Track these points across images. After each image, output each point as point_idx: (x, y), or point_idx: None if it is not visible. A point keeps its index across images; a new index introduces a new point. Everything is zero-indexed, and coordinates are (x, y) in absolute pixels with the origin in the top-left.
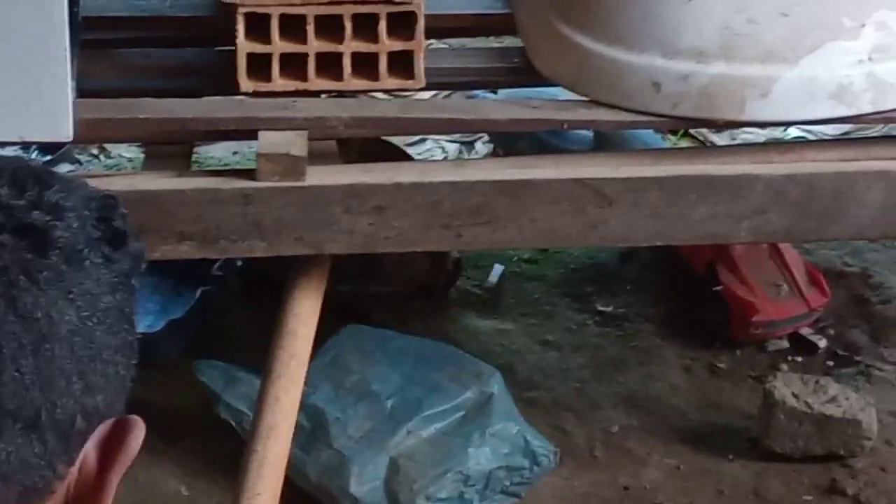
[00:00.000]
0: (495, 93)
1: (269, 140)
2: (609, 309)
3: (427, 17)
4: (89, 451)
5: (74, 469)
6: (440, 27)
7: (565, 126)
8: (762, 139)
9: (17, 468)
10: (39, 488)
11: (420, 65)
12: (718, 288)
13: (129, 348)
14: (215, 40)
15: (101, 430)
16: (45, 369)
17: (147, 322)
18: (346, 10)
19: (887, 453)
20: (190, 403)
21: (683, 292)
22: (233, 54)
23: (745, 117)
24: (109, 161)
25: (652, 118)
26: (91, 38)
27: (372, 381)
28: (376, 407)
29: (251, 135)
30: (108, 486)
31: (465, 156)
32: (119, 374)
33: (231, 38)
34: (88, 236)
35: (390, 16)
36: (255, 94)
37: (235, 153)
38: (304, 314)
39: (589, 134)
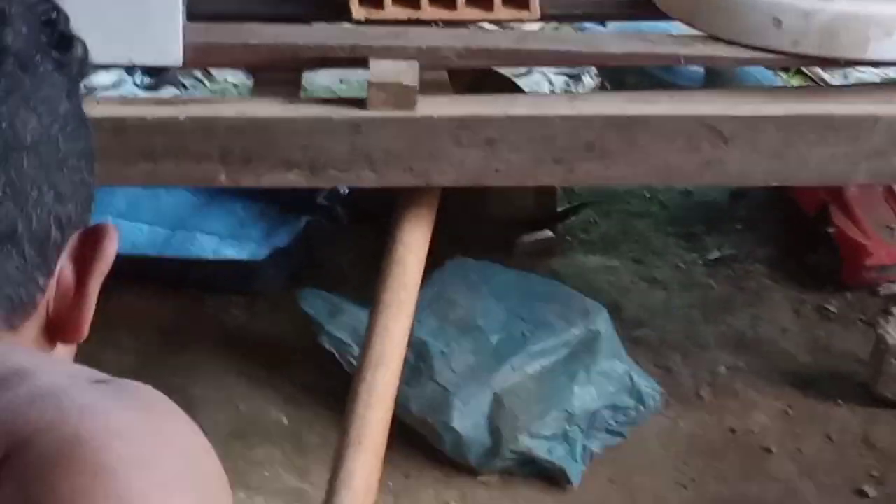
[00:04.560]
0: (604, 25)
1: (381, 69)
2: (718, 249)
3: None
4: (65, 263)
5: (53, 282)
6: None
7: (682, 61)
8: (877, 80)
9: (1, 283)
10: (24, 303)
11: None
12: (831, 230)
13: (91, 154)
14: None
15: (74, 240)
16: (16, 181)
17: (251, 249)
18: None
19: None
20: (292, 333)
21: (795, 234)
22: None
23: (868, 56)
24: (214, 86)
25: (772, 55)
26: None
27: (477, 316)
28: (481, 342)
29: (362, 63)
30: (88, 296)
31: (573, 89)
32: (85, 181)
33: None
34: (38, 41)
35: None
36: (367, 21)
37: (342, 81)
38: (413, 244)
39: (700, 70)
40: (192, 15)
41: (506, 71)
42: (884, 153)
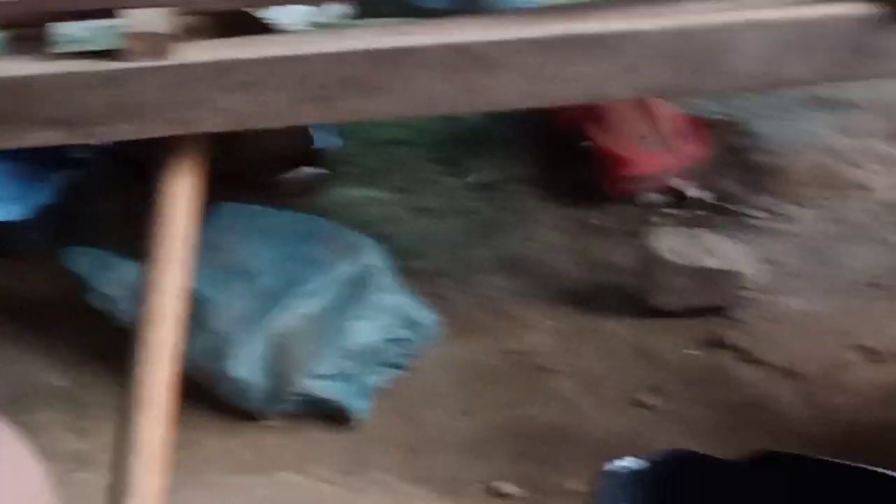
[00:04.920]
0: None
1: (133, 18)
2: (482, 172)
3: None
4: None
5: None
6: None
7: None
8: None
9: None
10: None
11: None
12: (588, 144)
13: None
14: None
15: None
16: None
17: (9, 210)
18: None
19: (766, 303)
20: (59, 293)
21: (554, 152)
22: None
23: None
24: None
25: None
26: None
27: (246, 260)
28: (252, 286)
29: (112, 14)
30: None
31: (318, 18)
32: None
33: None
34: None
35: None
36: None
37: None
38: (180, 195)
39: None
40: None
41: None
42: (636, 68)
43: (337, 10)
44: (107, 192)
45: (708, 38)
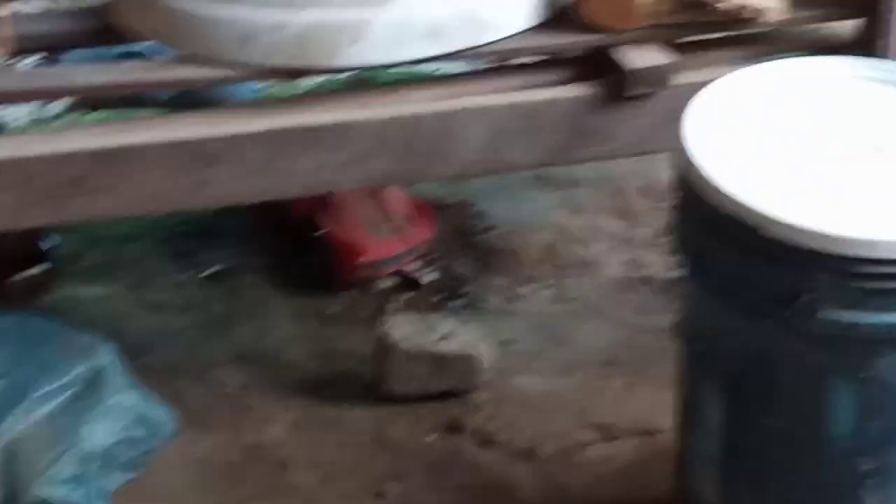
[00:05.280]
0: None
1: None
2: (213, 264)
3: None
4: None
5: None
6: None
7: (168, 85)
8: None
9: None
10: None
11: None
12: (321, 233)
13: None
14: None
15: None
16: None
17: None
18: None
19: (502, 384)
20: None
21: (288, 240)
22: None
23: (339, 63)
24: None
25: (246, 71)
26: None
27: None
28: None
29: None
30: None
31: (43, 113)
32: None
33: None
34: None
35: None
36: None
37: None
38: None
39: None
40: None
41: None
42: (367, 157)
43: (61, 104)
44: None
45: (431, 126)
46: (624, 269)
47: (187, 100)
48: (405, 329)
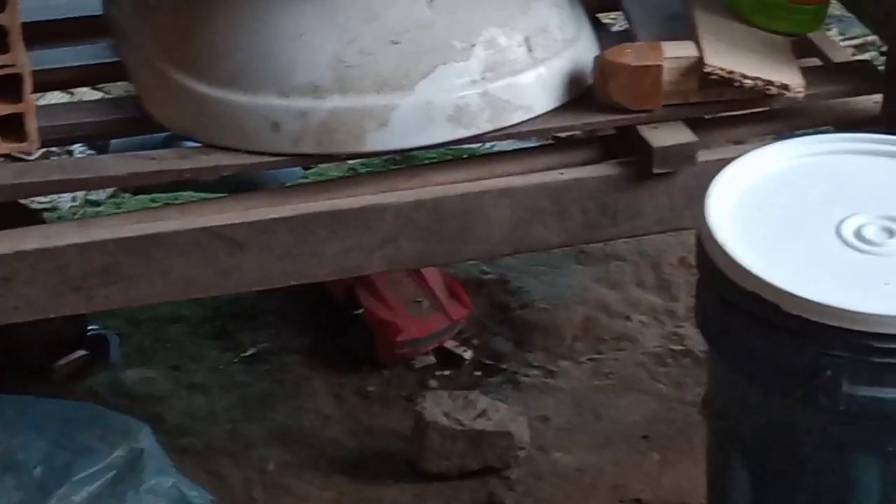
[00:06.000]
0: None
1: None
2: (253, 345)
3: (34, 73)
4: None
5: None
6: (48, 81)
7: (187, 175)
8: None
9: None
10: None
11: (32, 127)
12: (360, 311)
13: None
14: None
15: None
16: None
17: None
18: None
19: (541, 460)
20: None
21: (326, 320)
22: None
23: (366, 148)
24: None
25: (274, 158)
26: None
27: (17, 451)
28: (24, 477)
29: None
30: None
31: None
32: None
33: None
34: None
35: None
36: None
37: None
38: None
39: None
40: None
41: None
42: (395, 240)
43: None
44: None
45: (458, 208)
46: (661, 343)
47: (226, 182)
48: (442, 406)
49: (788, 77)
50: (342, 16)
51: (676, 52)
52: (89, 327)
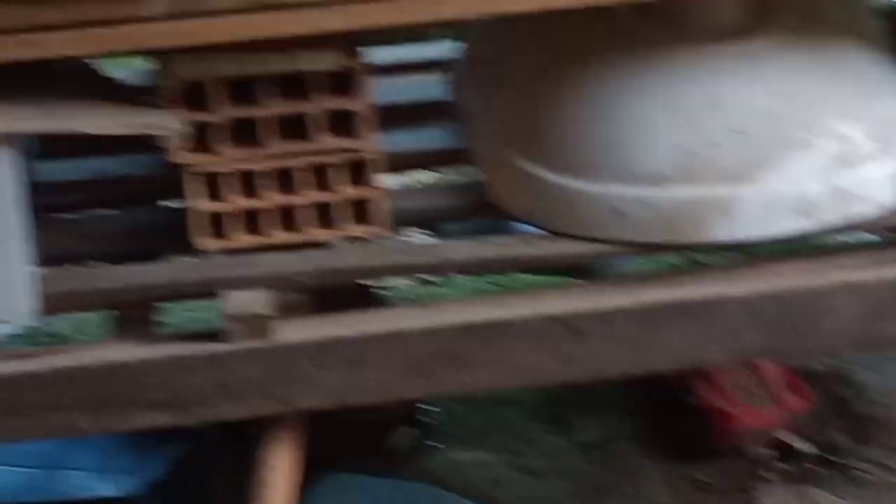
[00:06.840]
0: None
1: (233, 300)
2: (587, 431)
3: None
4: None
5: None
6: (393, 164)
7: (537, 265)
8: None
9: None
10: None
11: (380, 212)
12: (694, 400)
13: None
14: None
15: None
16: None
17: (118, 483)
18: (298, 163)
19: None
20: None
21: (661, 407)
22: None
23: (709, 239)
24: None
25: (617, 247)
26: (42, 202)
27: None
28: None
29: (212, 295)
30: None
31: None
32: None
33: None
34: None
35: (347, 162)
36: (215, 252)
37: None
38: (280, 465)
39: None
40: (41, 260)
41: None
42: (738, 332)
43: None
44: (217, 466)
45: (804, 302)
46: None
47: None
48: (778, 499)
49: None
50: (686, 105)
51: None
52: (422, 407)
